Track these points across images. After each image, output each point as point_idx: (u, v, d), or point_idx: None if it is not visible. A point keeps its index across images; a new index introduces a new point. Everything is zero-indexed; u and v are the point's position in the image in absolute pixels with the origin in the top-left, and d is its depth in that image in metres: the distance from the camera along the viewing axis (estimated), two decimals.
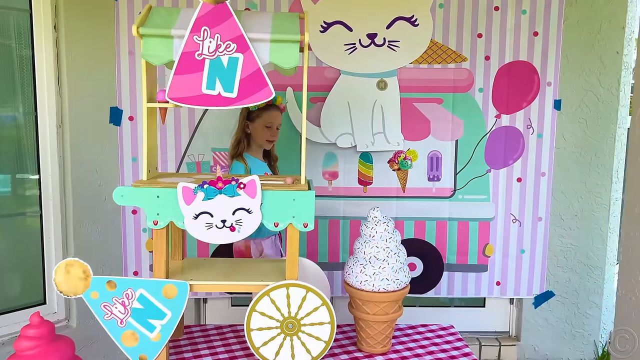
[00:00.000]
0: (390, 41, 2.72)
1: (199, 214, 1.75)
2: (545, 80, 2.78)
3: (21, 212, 2.56)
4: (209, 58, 1.72)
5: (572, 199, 2.91)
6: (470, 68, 2.76)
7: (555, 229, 2.93)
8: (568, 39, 2.78)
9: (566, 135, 2.86)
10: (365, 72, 2.72)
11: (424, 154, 2.83)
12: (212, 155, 2.79)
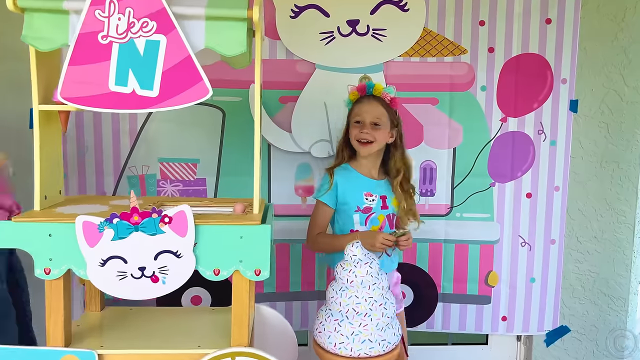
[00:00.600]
0: (375, 29, 2.31)
1: (107, 259, 1.28)
2: (560, 76, 2.38)
3: None
4: (118, 41, 1.25)
5: (590, 217, 2.55)
6: (471, 62, 2.36)
7: (571, 254, 2.56)
8: (587, 27, 2.40)
9: (584, 142, 2.50)
10: (345, 67, 2.31)
11: (416, 165, 2.41)
12: (159, 166, 2.31)
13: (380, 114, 1.91)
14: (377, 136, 1.90)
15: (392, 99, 1.91)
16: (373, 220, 1.93)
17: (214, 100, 2.29)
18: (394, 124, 1.94)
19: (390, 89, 1.92)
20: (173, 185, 2.32)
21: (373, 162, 1.97)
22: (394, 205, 1.95)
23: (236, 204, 1.44)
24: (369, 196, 1.93)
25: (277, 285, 2.42)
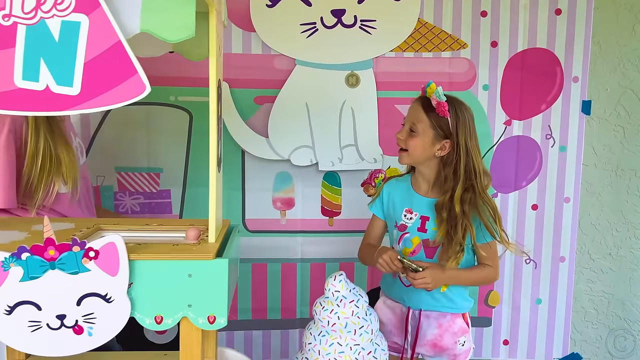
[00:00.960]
0: (363, 20, 2.07)
1: (14, 306, 1.01)
2: (571, 74, 2.17)
3: None
4: (24, 23, 0.97)
5: (604, 232, 2.37)
6: (472, 58, 2.14)
7: (583, 272, 2.38)
8: (601, 19, 2.21)
9: (597, 148, 2.32)
10: (329, 63, 2.08)
11: None
12: (117, 177, 2.03)
13: (418, 118, 1.58)
14: (410, 144, 1.58)
15: (437, 103, 1.55)
16: (406, 241, 1.64)
17: (179, 100, 2.04)
18: (443, 134, 1.56)
19: (437, 93, 1.55)
20: (133, 198, 2.05)
21: (425, 175, 1.64)
22: (436, 231, 1.58)
23: (189, 229, 1.16)
24: (408, 213, 1.64)
25: (252, 311, 2.17)
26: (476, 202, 1.52)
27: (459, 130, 1.56)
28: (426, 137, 1.57)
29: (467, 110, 1.59)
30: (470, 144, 1.56)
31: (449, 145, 1.56)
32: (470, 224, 1.50)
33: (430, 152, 1.58)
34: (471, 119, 1.59)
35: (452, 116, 1.55)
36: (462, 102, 1.60)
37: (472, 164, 1.55)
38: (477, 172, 1.55)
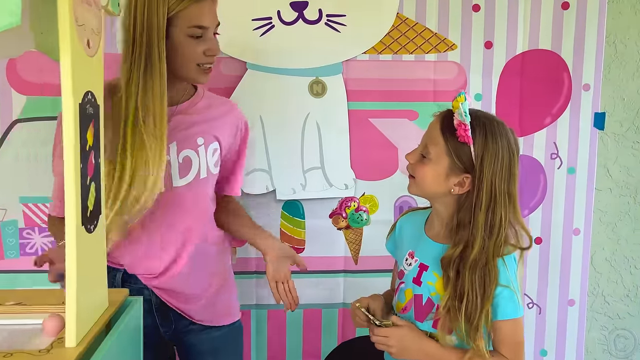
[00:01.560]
0: (330, 16, 1.77)
1: None
2: (581, 81, 1.90)
3: None
4: None
5: (621, 269, 2.14)
6: (462, 61, 1.86)
7: (596, 318, 2.14)
8: (617, 14, 1.99)
9: (613, 169, 2.11)
10: (288, 67, 1.78)
11: (389, 202, 1.90)
12: (22, 209, 1.70)
13: (432, 140, 1.23)
14: (418, 171, 1.24)
15: (458, 124, 1.18)
16: (400, 293, 1.31)
17: None
18: (463, 166, 1.20)
19: (461, 110, 1.17)
20: (43, 235, 1.71)
21: (440, 214, 1.29)
22: (435, 287, 1.26)
23: (47, 319, 0.78)
24: (410, 257, 1.32)
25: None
26: (487, 269, 1.16)
27: (485, 164, 1.17)
28: (439, 166, 1.20)
29: (504, 138, 1.20)
30: (500, 186, 1.18)
31: (469, 182, 1.18)
32: (483, 300, 1.15)
33: (445, 187, 1.21)
34: (509, 153, 1.19)
35: (478, 144, 1.16)
36: (498, 126, 1.21)
37: (498, 216, 1.18)
38: (500, 227, 1.18)
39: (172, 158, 1.32)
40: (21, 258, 1.69)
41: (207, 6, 1.27)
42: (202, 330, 1.42)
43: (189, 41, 1.26)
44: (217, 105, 1.42)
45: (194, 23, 1.25)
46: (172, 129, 1.31)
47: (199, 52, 1.27)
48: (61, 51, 0.70)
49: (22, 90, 1.66)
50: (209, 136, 1.37)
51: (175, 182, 1.33)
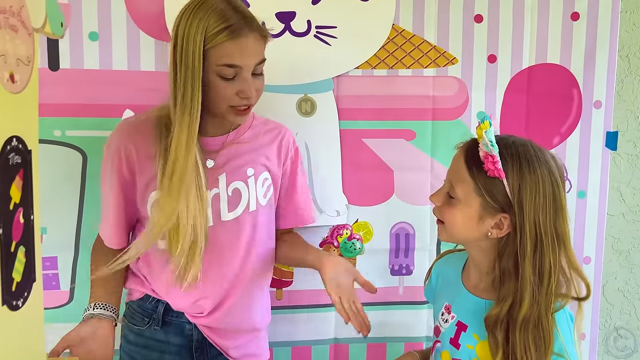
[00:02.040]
0: (320, 27, 1.65)
1: None
2: (592, 98, 1.79)
3: None
4: None
5: (635, 301, 2.03)
6: (463, 77, 1.75)
7: (610, 351, 2.03)
8: (630, 26, 1.88)
9: (626, 193, 2.00)
10: (275, 84, 1.65)
11: (384, 229, 1.78)
12: None
13: (458, 177, 1.07)
14: (446, 215, 1.09)
15: (485, 156, 1.03)
16: (437, 354, 1.16)
17: (67, 136, 1.56)
18: (498, 205, 1.04)
19: (485, 139, 1.02)
20: None
21: (476, 261, 1.14)
22: (476, 352, 1.10)
23: None
24: (446, 312, 1.17)
25: None
26: (541, 327, 1.01)
27: (524, 200, 1.01)
28: (470, 208, 1.05)
29: (543, 166, 1.03)
30: (546, 224, 1.02)
31: (507, 223, 1.03)
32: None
33: (479, 231, 1.05)
34: (551, 182, 1.03)
35: (512, 177, 1.01)
36: (535, 152, 1.05)
37: (547, 261, 1.02)
38: (551, 275, 1.02)
39: (222, 190, 1.27)
40: None
41: (247, 44, 1.16)
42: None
43: (219, 81, 1.16)
44: (266, 132, 1.36)
45: (225, 62, 1.15)
46: (222, 162, 1.27)
47: (231, 94, 1.17)
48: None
49: None
50: (258, 166, 1.31)
51: (224, 217, 1.28)
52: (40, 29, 0.71)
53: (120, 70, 1.55)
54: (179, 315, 1.33)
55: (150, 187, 1.25)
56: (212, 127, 1.27)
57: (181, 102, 1.15)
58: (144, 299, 1.34)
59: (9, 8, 0.61)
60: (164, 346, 1.34)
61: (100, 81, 1.54)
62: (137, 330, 1.34)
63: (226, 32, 1.13)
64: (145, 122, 1.28)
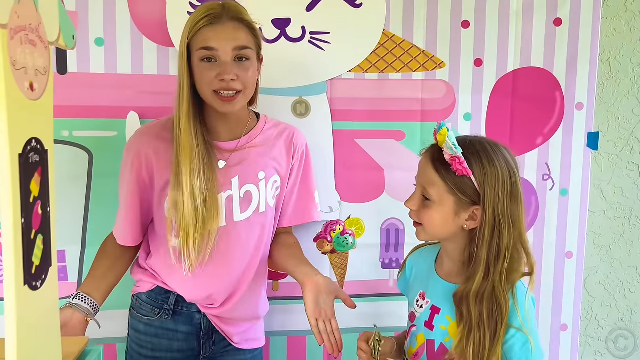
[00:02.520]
0: (314, 33, 1.70)
1: None
2: (574, 100, 1.83)
3: None
4: None
5: (616, 294, 2.05)
6: (450, 80, 1.78)
7: (590, 343, 2.05)
8: (611, 31, 1.92)
9: (607, 191, 2.03)
10: (271, 87, 1.70)
11: (376, 225, 1.82)
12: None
13: (429, 181, 1.15)
14: (424, 218, 1.17)
15: (451, 158, 1.11)
16: (412, 337, 1.24)
17: (74, 136, 1.62)
18: (469, 200, 1.13)
19: (448, 142, 1.11)
20: None
21: (449, 252, 1.22)
22: (448, 332, 1.18)
23: None
24: (420, 298, 1.24)
25: None
26: (494, 299, 1.09)
27: (487, 190, 1.10)
28: (445, 207, 1.13)
29: (501, 158, 1.13)
30: (503, 209, 1.11)
31: (480, 214, 1.11)
32: (493, 339, 1.08)
33: (456, 225, 1.14)
34: (509, 172, 1.12)
35: (477, 172, 1.10)
36: (492, 147, 1.14)
37: (504, 241, 1.11)
38: (506, 252, 1.11)
39: (234, 192, 1.33)
40: None
41: (222, 29, 1.24)
42: (237, 352, 1.47)
43: (200, 66, 1.24)
44: (277, 135, 1.43)
45: (201, 45, 1.23)
46: (234, 165, 1.33)
47: (211, 77, 1.24)
48: None
49: None
50: (269, 169, 1.38)
51: (236, 217, 1.34)
52: (55, 42, 0.80)
53: (124, 74, 1.61)
54: (189, 305, 1.39)
55: (168, 188, 1.31)
56: (225, 132, 1.35)
57: (178, 95, 1.26)
58: (154, 290, 1.39)
59: (28, 25, 0.70)
60: (173, 334, 1.40)
61: (105, 84, 1.60)
62: (146, 321, 1.40)
63: (205, 19, 1.23)
64: (163, 127, 1.35)
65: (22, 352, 0.69)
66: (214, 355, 1.45)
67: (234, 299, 1.40)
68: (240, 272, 1.38)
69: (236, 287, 1.39)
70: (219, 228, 1.31)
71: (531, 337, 1.09)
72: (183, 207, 1.25)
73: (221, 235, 1.32)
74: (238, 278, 1.38)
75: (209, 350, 1.44)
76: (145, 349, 1.41)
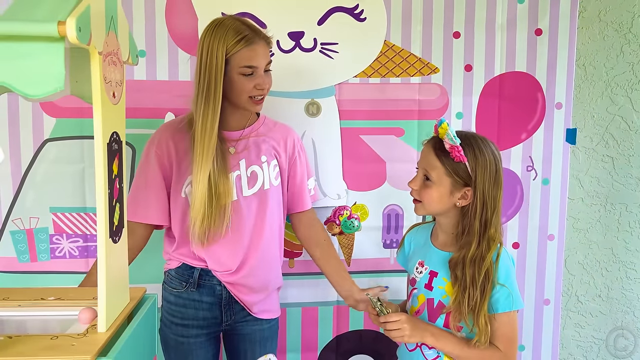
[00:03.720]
0: (324, 44, 1.88)
1: None
2: (554, 100, 1.97)
3: None
4: None
5: (593, 272, 2.16)
6: (444, 83, 1.94)
7: (570, 316, 2.16)
8: (586, 39, 2.04)
9: (584, 180, 2.13)
10: (287, 90, 1.88)
11: (378, 210, 1.98)
12: (52, 218, 1.83)
13: (431, 165, 1.36)
14: (424, 195, 1.37)
15: (450, 147, 1.32)
16: (413, 298, 1.45)
17: None
18: (463, 181, 1.34)
19: (449, 135, 1.31)
20: (71, 241, 1.84)
21: (443, 226, 1.43)
22: (445, 290, 1.38)
23: (82, 311, 0.97)
24: (420, 266, 1.45)
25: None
26: (483, 263, 1.31)
27: (478, 175, 1.33)
28: (442, 187, 1.35)
29: (489, 150, 1.35)
30: (490, 192, 1.33)
31: (470, 194, 1.33)
32: (484, 292, 1.30)
33: (450, 203, 1.36)
34: (495, 162, 1.35)
35: (470, 159, 1.32)
36: (482, 141, 1.36)
37: (489, 218, 1.34)
38: (490, 227, 1.34)
39: (242, 172, 1.55)
40: (51, 260, 1.84)
41: (258, 49, 1.47)
42: (256, 322, 1.63)
43: (241, 78, 1.47)
44: (277, 130, 1.64)
45: (245, 64, 1.46)
46: (241, 150, 1.55)
47: (250, 87, 1.48)
48: (94, 105, 0.89)
49: (51, 113, 1.78)
50: (270, 155, 1.59)
51: (245, 192, 1.55)
52: (127, 61, 1.05)
53: (162, 80, 1.82)
54: (211, 278, 1.56)
55: (186, 173, 1.52)
56: (233, 122, 1.55)
57: (205, 97, 1.44)
58: (181, 267, 1.58)
59: (113, 51, 0.95)
60: (198, 304, 1.58)
61: (146, 89, 1.80)
62: (176, 293, 1.59)
63: (242, 42, 1.44)
64: (181, 123, 1.56)
65: (108, 289, 0.94)
66: (235, 323, 1.62)
67: (246, 265, 1.55)
68: (248, 238, 1.56)
69: (247, 253, 1.55)
70: (231, 202, 1.51)
71: (512, 291, 1.31)
72: (202, 186, 1.44)
73: (233, 207, 1.52)
74: (248, 243, 1.55)
75: (230, 318, 1.60)
76: (176, 317, 1.59)
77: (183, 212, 1.54)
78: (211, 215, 1.47)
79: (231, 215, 1.51)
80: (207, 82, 1.44)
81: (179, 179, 1.53)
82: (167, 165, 1.53)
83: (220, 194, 1.47)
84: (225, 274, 1.56)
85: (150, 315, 1.12)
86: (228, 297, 1.58)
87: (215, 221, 1.48)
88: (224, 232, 1.51)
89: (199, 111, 1.45)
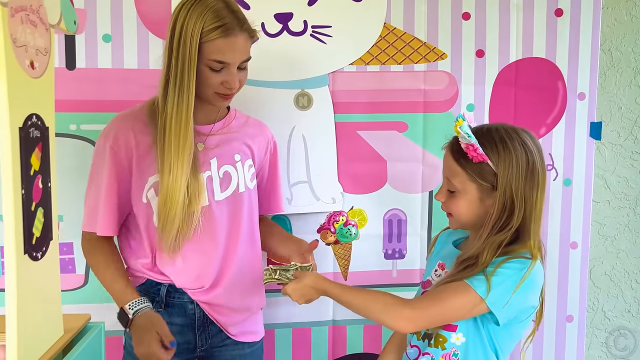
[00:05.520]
0: (315, 27, 1.73)
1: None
2: (576, 90, 1.84)
3: None
4: None
5: (622, 284, 2.08)
6: (452, 71, 1.80)
7: (596, 334, 2.07)
8: (612, 20, 1.95)
9: (611, 181, 2.05)
10: (274, 80, 1.74)
11: (378, 216, 1.84)
12: None
13: (451, 172, 1.20)
14: (452, 208, 1.21)
15: (465, 147, 1.16)
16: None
17: (82, 130, 1.65)
18: (490, 185, 1.16)
19: (462, 132, 1.14)
20: None
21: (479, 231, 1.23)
22: None
23: None
24: (440, 268, 1.31)
25: None
26: None
27: (501, 172, 1.13)
28: (469, 194, 1.17)
29: (516, 141, 1.15)
30: (517, 187, 1.13)
31: (497, 200, 1.15)
32: None
33: (482, 210, 1.18)
34: (526, 153, 1.15)
35: (493, 156, 1.13)
36: (507, 131, 1.17)
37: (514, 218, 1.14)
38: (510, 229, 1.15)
39: (214, 173, 1.36)
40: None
41: (236, 43, 1.27)
42: (236, 345, 1.45)
43: (207, 71, 1.27)
44: (250, 125, 1.47)
45: (215, 57, 1.26)
46: (212, 147, 1.36)
47: (216, 83, 1.28)
48: None
49: None
50: (244, 153, 1.41)
51: (217, 196, 1.37)
52: (56, 25, 0.83)
53: (130, 69, 1.64)
54: (181, 295, 1.39)
55: (147, 172, 1.32)
56: (201, 115, 1.36)
57: (180, 82, 1.25)
58: (146, 283, 1.39)
59: (29, 6, 0.73)
60: (168, 327, 1.37)
61: (112, 79, 1.63)
62: None
63: (220, 30, 1.23)
64: (140, 112, 1.36)
65: (22, 320, 0.72)
66: (211, 348, 1.44)
67: (223, 281, 1.40)
68: (222, 249, 1.39)
69: (223, 266, 1.39)
70: (202, 207, 1.32)
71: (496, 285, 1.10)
72: (170, 188, 1.26)
73: (204, 213, 1.33)
74: (221, 256, 1.39)
75: (205, 342, 1.43)
76: None
77: (146, 219, 1.34)
78: (180, 223, 1.28)
79: (202, 223, 1.32)
80: (181, 65, 1.24)
81: (140, 181, 1.34)
82: (124, 164, 1.33)
83: (191, 198, 1.28)
84: (198, 292, 1.38)
85: (93, 347, 0.90)
86: (202, 318, 1.40)
87: (183, 230, 1.29)
88: (195, 242, 1.32)
89: (172, 99, 1.26)
